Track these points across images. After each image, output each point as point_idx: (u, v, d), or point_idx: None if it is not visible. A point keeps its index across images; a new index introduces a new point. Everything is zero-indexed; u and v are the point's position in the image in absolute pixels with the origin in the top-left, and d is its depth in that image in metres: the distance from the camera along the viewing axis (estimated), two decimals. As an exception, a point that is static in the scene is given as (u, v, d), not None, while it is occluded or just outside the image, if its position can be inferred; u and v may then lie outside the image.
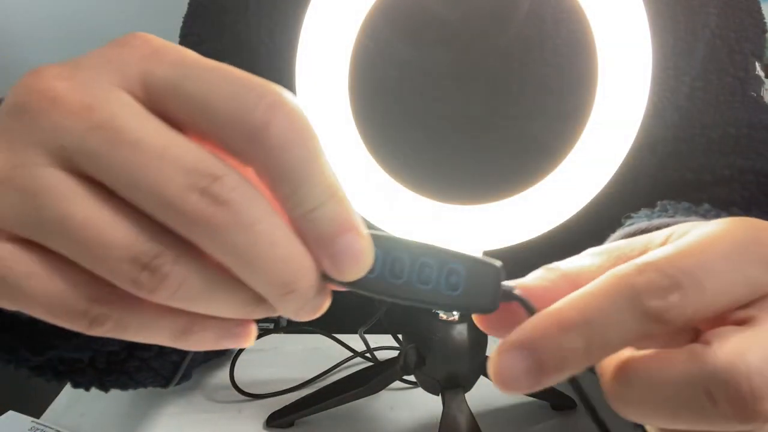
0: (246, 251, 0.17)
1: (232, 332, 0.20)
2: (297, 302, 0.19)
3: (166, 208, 0.17)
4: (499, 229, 0.35)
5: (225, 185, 0.17)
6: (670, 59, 0.44)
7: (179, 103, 0.18)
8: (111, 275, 0.18)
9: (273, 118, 0.17)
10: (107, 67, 0.18)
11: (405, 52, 0.50)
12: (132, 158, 0.17)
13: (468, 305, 0.21)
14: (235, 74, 0.18)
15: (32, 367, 0.34)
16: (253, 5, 0.51)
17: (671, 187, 0.49)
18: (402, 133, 0.52)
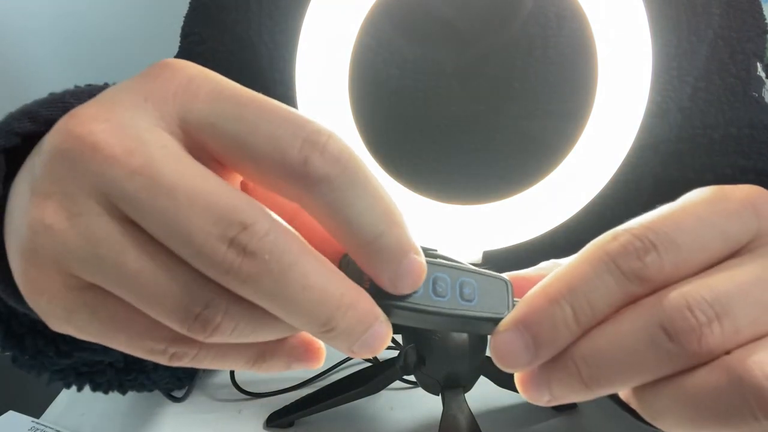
0: (278, 297, 0.18)
1: (301, 356, 0.21)
2: (342, 339, 0.19)
3: (199, 258, 0.17)
4: (499, 229, 0.35)
5: (254, 234, 0.17)
6: (674, 59, 0.44)
7: (218, 142, 0.18)
8: (167, 323, 0.18)
9: (311, 153, 0.17)
10: (144, 106, 0.18)
11: (406, 50, 0.50)
12: (166, 206, 0.17)
13: (483, 317, 0.22)
14: (271, 109, 0.18)
15: (54, 371, 0.34)
16: (254, 5, 0.51)
17: (673, 187, 0.49)
18: (402, 133, 0.52)
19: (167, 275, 0.18)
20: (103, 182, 0.17)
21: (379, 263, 0.18)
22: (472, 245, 0.36)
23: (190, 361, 0.19)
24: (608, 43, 0.32)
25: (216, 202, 0.17)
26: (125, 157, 0.17)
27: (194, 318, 0.18)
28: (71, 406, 0.47)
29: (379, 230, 0.18)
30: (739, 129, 0.46)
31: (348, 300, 0.18)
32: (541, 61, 0.49)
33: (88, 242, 0.18)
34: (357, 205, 0.18)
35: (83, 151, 0.17)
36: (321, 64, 0.33)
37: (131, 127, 0.18)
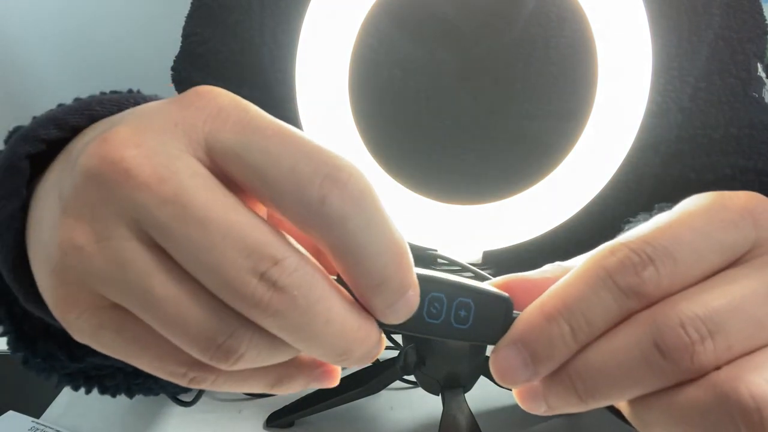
0: (301, 331, 0.18)
1: (318, 377, 0.22)
2: (352, 364, 0.20)
3: (227, 289, 0.17)
4: (499, 229, 0.35)
5: (284, 270, 0.17)
6: (675, 60, 0.44)
7: (241, 172, 0.18)
8: (190, 351, 0.18)
9: (330, 192, 0.17)
10: (174, 131, 0.18)
11: (407, 50, 0.50)
12: (197, 237, 0.17)
13: (477, 338, 0.22)
14: (296, 142, 0.18)
15: (64, 374, 0.34)
16: (256, 5, 0.51)
17: (674, 187, 0.49)
18: (402, 133, 0.52)
19: (193, 303, 0.18)
20: (134, 208, 0.17)
21: (376, 301, 0.19)
22: (472, 245, 0.36)
23: (210, 384, 0.20)
24: (608, 44, 0.32)
25: (248, 235, 0.17)
26: (157, 185, 0.17)
27: (217, 347, 0.18)
28: (71, 406, 0.47)
29: (386, 275, 0.18)
30: (739, 129, 0.46)
31: (363, 333, 0.19)
32: (542, 61, 0.49)
33: (117, 266, 0.18)
34: (369, 248, 0.18)
35: (116, 177, 0.17)
36: (321, 64, 0.33)
37: (162, 153, 0.18)
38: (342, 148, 0.35)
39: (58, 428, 0.43)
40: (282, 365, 0.21)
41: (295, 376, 0.21)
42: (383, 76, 0.50)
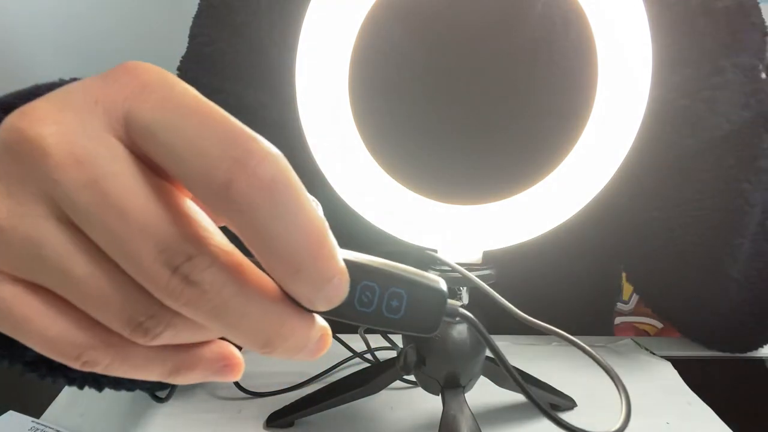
0: (216, 322, 0.18)
1: (219, 370, 0.22)
2: (282, 356, 0.19)
3: (143, 278, 0.17)
4: (499, 229, 0.35)
5: (196, 266, 0.17)
6: (677, 64, 0.44)
7: (155, 151, 0.17)
8: (108, 325, 0.18)
9: (236, 177, 0.16)
10: (94, 109, 0.18)
11: (408, 50, 0.50)
12: (115, 226, 0.17)
13: (410, 328, 0.22)
14: (213, 123, 0.17)
15: (26, 363, 0.34)
16: (264, 6, 0.51)
17: (676, 185, 0.49)
18: (402, 133, 0.52)
19: (113, 284, 0.18)
20: (51, 188, 0.17)
21: (297, 289, 0.18)
22: (472, 245, 0.36)
23: (102, 368, 0.19)
24: (610, 46, 0.32)
25: (165, 229, 0.17)
26: (75, 168, 0.17)
27: (137, 325, 0.18)
28: (71, 406, 0.47)
29: (302, 264, 0.17)
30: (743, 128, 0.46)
31: (288, 328, 0.19)
32: (545, 64, 0.49)
33: (32, 243, 0.17)
34: (281, 237, 0.17)
35: (33, 154, 0.17)
36: (321, 64, 0.33)
37: (81, 133, 0.17)
38: (342, 148, 0.35)
39: (58, 428, 0.43)
40: (182, 355, 0.21)
41: (194, 367, 0.21)
42: (383, 76, 0.50)
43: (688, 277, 0.51)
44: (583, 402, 0.47)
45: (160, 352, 0.20)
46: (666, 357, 0.55)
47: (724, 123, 0.45)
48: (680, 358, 0.55)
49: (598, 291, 0.69)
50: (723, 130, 0.45)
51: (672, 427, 0.45)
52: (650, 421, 0.46)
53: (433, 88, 0.51)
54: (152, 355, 0.20)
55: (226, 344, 0.22)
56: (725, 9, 0.43)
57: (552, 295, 0.55)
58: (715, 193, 0.47)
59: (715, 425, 0.46)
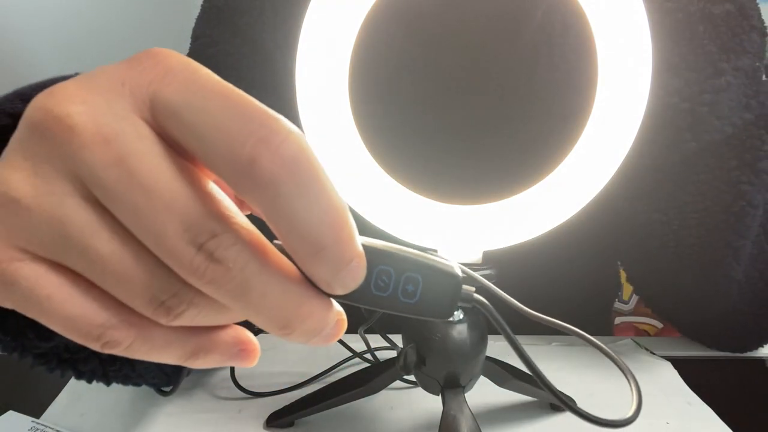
0: (238, 301, 0.18)
1: (235, 355, 0.22)
2: (299, 339, 0.20)
3: (167, 256, 0.18)
4: (499, 229, 0.35)
5: (221, 243, 0.17)
6: (679, 68, 0.44)
7: (179, 131, 0.18)
8: (131, 304, 0.19)
9: (260, 155, 0.17)
10: (121, 90, 0.18)
11: (409, 51, 0.50)
12: (140, 204, 0.17)
13: (425, 313, 0.22)
14: (235, 103, 0.17)
15: (37, 355, 0.34)
16: (268, 8, 0.51)
17: (676, 185, 0.49)
18: (402, 133, 0.52)
19: (136, 262, 0.18)
20: (78, 167, 0.17)
21: (317, 271, 0.18)
22: (472, 245, 0.36)
23: (123, 350, 0.19)
24: (610, 48, 0.32)
25: (190, 206, 0.17)
26: (102, 146, 0.17)
27: (160, 303, 0.18)
28: (71, 406, 0.47)
29: (323, 244, 0.18)
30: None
31: (306, 309, 0.19)
32: (546, 67, 0.49)
33: (57, 221, 0.18)
34: (303, 215, 0.17)
35: (60, 133, 0.17)
36: (321, 64, 0.33)
37: (108, 112, 0.17)
38: (342, 148, 0.35)
39: (58, 428, 0.43)
40: (201, 338, 0.21)
41: (212, 350, 0.21)
42: (383, 77, 0.50)
43: (688, 278, 0.51)
44: (584, 402, 0.47)
45: (180, 334, 0.20)
46: (666, 357, 0.55)
47: (725, 126, 0.45)
48: (680, 358, 0.55)
49: (596, 291, 0.69)
50: (724, 133, 0.45)
51: (672, 427, 0.45)
52: (650, 421, 0.46)
53: (433, 89, 0.51)
54: (172, 336, 0.20)
55: (243, 330, 0.22)
56: (725, 13, 0.43)
57: (551, 295, 0.55)
58: (717, 194, 0.47)
59: (715, 425, 0.46)
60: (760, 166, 0.45)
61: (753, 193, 0.45)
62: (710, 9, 0.43)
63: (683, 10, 0.43)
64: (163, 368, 0.43)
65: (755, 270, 0.50)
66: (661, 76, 0.32)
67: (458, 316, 0.37)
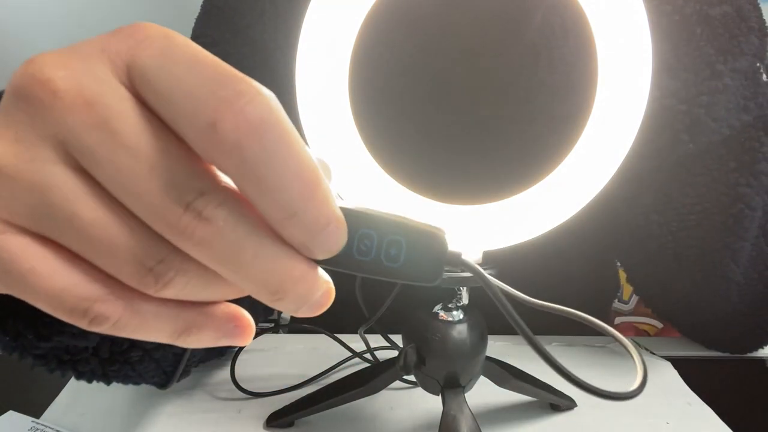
0: (229, 263, 0.18)
1: (229, 332, 0.21)
2: (290, 305, 0.19)
3: (154, 218, 0.17)
4: (499, 229, 0.35)
5: (210, 201, 0.17)
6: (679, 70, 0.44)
7: (151, 96, 0.17)
8: (117, 273, 0.18)
9: (222, 117, 0.16)
10: (100, 56, 0.18)
11: (409, 51, 0.50)
12: (125, 165, 0.17)
13: (410, 277, 0.21)
14: (204, 67, 0.17)
15: (36, 356, 0.34)
16: (269, 9, 0.51)
17: (676, 186, 0.49)
18: (402, 133, 0.52)
19: (122, 228, 0.18)
20: (60, 131, 0.17)
21: (293, 235, 0.18)
22: (472, 245, 0.36)
23: (111, 327, 0.19)
24: (610, 50, 0.32)
25: (175, 166, 0.17)
26: (86, 109, 0.17)
27: (147, 271, 0.18)
28: (71, 406, 0.47)
29: (296, 208, 0.17)
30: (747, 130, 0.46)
31: (298, 272, 0.18)
32: (545, 70, 0.49)
33: (39, 189, 0.17)
34: (271, 179, 0.17)
35: (43, 97, 0.17)
36: (321, 64, 0.33)
37: (90, 76, 0.17)
38: (342, 148, 0.35)
39: (58, 428, 0.43)
40: (192, 313, 0.20)
41: (205, 326, 0.20)
42: (384, 77, 0.50)
43: (687, 280, 0.51)
44: (583, 402, 0.47)
45: (170, 308, 0.20)
46: (666, 357, 0.55)
47: (723, 127, 0.45)
48: (680, 358, 0.55)
49: (595, 291, 0.69)
50: (722, 135, 0.45)
51: (672, 427, 0.45)
52: (650, 421, 0.46)
53: (433, 89, 0.51)
54: (162, 310, 0.19)
55: (235, 306, 0.21)
56: (722, 15, 0.43)
57: (550, 295, 0.55)
58: (715, 196, 0.47)
59: (715, 425, 0.46)
60: (759, 167, 0.45)
61: (751, 195, 0.45)
62: (707, 11, 0.43)
63: (680, 12, 0.43)
64: (163, 367, 0.43)
65: (754, 272, 0.50)
66: (658, 78, 0.32)
67: (458, 317, 0.37)
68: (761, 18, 0.44)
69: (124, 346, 0.39)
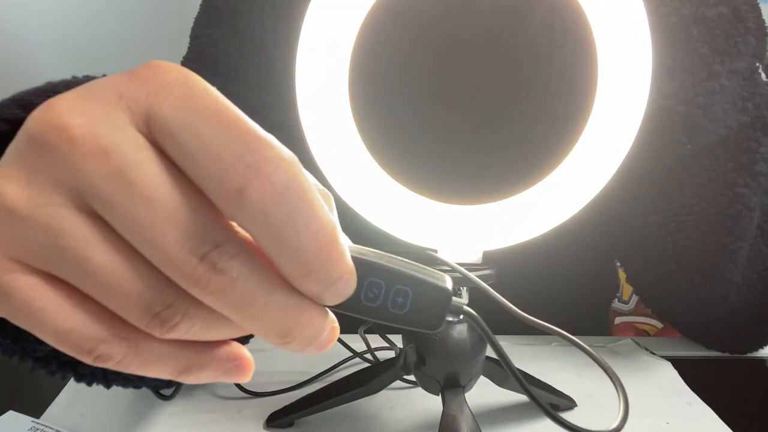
0: (240, 312, 0.18)
1: (229, 371, 0.22)
2: (297, 347, 0.20)
3: (168, 267, 0.17)
4: (499, 229, 0.35)
5: (225, 253, 0.17)
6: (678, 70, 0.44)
7: (174, 152, 0.17)
8: (125, 315, 0.18)
9: (250, 184, 0.17)
10: (119, 103, 0.18)
11: (409, 52, 0.50)
12: (142, 214, 0.17)
13: (414, 324, 0.23)
14: (228, 126, 0.17)
15: (37, 358, 0.34)
16: (268, 9, 0.51)
17: (677, 187, 0.49)
18: (402, 133, 0.52)
19: (132, 273, 0.18)
20: (76, 178, 0.17)
21: (307, 288, 0.19)
22: (472, 245, 0.36)
23: (114, 364, 0.19)
24: (610, 51, 0.32)
25: (192, 217, 0.17)
26: (102, 158, 0.17)
27: (154, 315, 0.18)
28: (71, 406, 0.47)
29: (312, 268, 0.18)
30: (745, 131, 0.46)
31: (307, 318, 0.19)
32: (545, 70, 0.49)
33: (52, 232, 0.17)
34: (292, 242, 0.17)
35: (60, 144, 0.17)
36: (321, 64, 0.33)
37: (107, 124, 0.17)
38: (342, 148, 0.35)
39: (58, 428, 0.43)
40: (194, 353, 0.21)
41: (205, 366, 0.21)
42: (383, 77, 0.50)
43: (686, 280, 0.51)
44: (583, 402, 0.47)
45: (173, 348, 0.20)
46: (666, 357, 0.55)
47: (720, 128, 0.45)
48: (680, 358, 0.55)
49: (595, 291, 0.69)
50: (720, 135, 0.45)
51: (672, 427, 0.45)
52: (650, 421, 0.46)
53: (433, 89, 0.51)
54: (165, 351, 0.20)
55: (237, 344, 0.22)
56: (719, 16, 0.43)
57: (550, 295, 0.55)
58: (713, 197, 0.47)
59: (715, 425, 0.46)
60: (757, 168, 0.45)
61: (749, 195, 0.45)
62: (704, 12, 0.42)
63: (677, 14, 0.43)
64: None
65: (753, 272, 0.50)
66: (656, 79, 0.32)
67: (458, 317, 0.37)
68: (760, 18, 0.44)
69: None
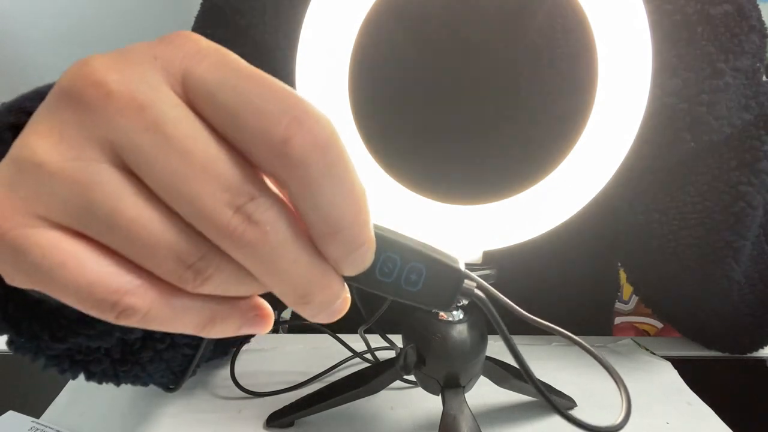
0: (269, 266, 0.19)
1: (251, 320, 0.22)
2: (312, 310, 0.20)
3: (202, 219, 0.18)
4: (499, 229, 0.35)
5: (260, 206, 0.18)
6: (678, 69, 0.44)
7: (213, 110, 0.18)
8: (156, 269, 0.18)
9: (294, 134, 0.17)
10: (153, 63, 0.18)
11: (409, 51, 0.50)
12: (178, 167, 0.17)
13: (425, 302, 0.23)
14: (268, 85, 0.18)
15: (50, 356, 0.34)
16: (270, 9, 0.51)
17: (677, 187, 0.49)
18: (403, 133, 0.52)
19: (164, 226, 0.18)
20: (112, 132, 0.17)
21: (330, 249, 0.19)
22: (472, 245, 0.36)
23: (139, 319, 0.19)
24: (610, 51, 0.32)
25: (227, 170, 0.18)
26: (138, 112, 0.17)
27: (187, 267, 0.18)
28: (71, 406, 0.47)
29: (341, 225, 0.18)
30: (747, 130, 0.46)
31: (327, 280, 0.20)
32: (546, 71, 0.49)
33: (81, 186, 0.17)
34: (327, 196, 0.18)
35: (97, 99, 0.17)
36: (321, 64, 0.33)
37: (143, 81, 0.18)
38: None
39: (58, 428, 0.43)
40: (219, 303, 0.21)
41: (229, 316, 0.21)
42: (383, 77, 0.50)
43: (687, 279, 0.51)
44: (583, 402, 0.47)
45: (197, 300, 0.20)
46: (666, 357, 0.55)
47: (724, 126, 0.45)
48: (680, 358, 0.55)
49: (597, 291, 0.69)
50: (723, 134, 0.45)
51: (672, 427, 0.45)
52: (650, 421, 0.46)
53: (433, 89, 0.51)
54: (190, 303, 0.20)
55: (256, 296, 0.22)
56: (723, 14, 0.43)
57: (551, 295, 0.55)
58: (716, 195, 0.47)
59: (715, 425, 0.46)
60: (760, 166, 0.45)
61: (752, 193, 0.45)
62: (708, 10, 0.43)
63: (681, 12, 0.43)
64: (172, 368, 0.43)
65: (755, 271, 0.50)
66: (659, 77, 0.32)
67: (458, 316, 0.37)
68: (761, 17, 0.44)
69: (136, 346, 0.39)
